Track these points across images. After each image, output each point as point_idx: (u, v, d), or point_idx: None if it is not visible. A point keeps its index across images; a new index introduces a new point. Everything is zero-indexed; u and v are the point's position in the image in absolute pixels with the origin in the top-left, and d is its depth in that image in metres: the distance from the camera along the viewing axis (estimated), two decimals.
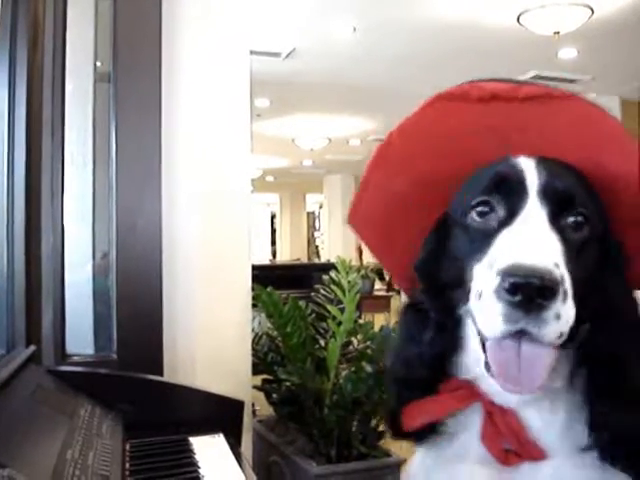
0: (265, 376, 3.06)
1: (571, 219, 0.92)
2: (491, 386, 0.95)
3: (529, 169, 0.95)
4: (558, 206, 0.92)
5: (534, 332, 0.83)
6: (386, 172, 1.09)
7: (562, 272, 0.84)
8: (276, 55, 7.23)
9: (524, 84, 0.99)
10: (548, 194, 0.92)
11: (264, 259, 19.78)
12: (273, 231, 24.98)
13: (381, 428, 2.89)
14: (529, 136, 0.98)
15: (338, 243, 17.46)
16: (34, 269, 1.83)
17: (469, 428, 1.00)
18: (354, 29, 6.49)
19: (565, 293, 0.83)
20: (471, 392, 1.00)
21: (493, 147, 0.98)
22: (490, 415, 0.98)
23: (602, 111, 0.96)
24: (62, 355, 2.02)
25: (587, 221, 0.92)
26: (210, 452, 1.51)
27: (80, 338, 2.12)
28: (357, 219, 1.16)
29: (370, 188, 1.14)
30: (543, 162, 0.96)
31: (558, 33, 6.05)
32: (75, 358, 2.06)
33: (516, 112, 0.98)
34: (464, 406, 1.01)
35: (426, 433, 1.05)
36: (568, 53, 7.16)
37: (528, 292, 0.80)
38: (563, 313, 0.83)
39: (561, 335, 0.84)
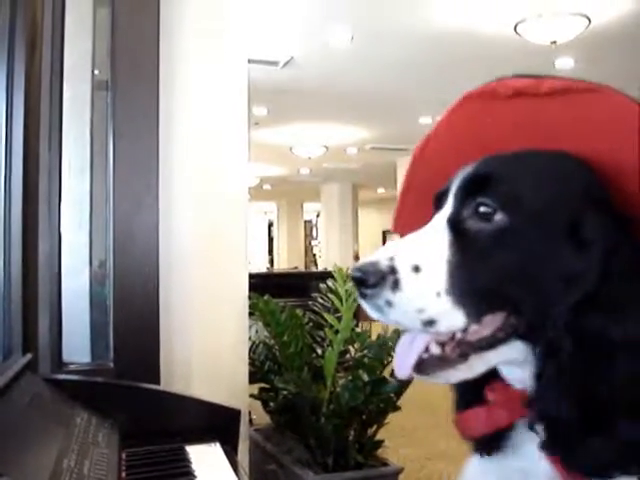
0: (262, 385, 3.06)
1: (468, 212, 0.93)
2: None
3: (462, 173, 0.98)
4: (461, 202, 0.95)
5: (381, 319, 0.91)
6: (426, 173, 1.08)
7: (397, 264, 0.89)
8: (274, 64, 7.25)
9: (546, 78, 0.98)
10: (457, 193, 0.96)
11: (261, 267, 19.80)
12: (270, 239, 25.00)
13: (378, 437, 2.89)
14: (554, 131, 0.98)
15: (335, 251, 17.47)
16: (31, 276, 1.82)
17: (534, 439, 0.94)
18: (352, 38, 6.52)
19: (396, 282, 0.88)
20: (524, 402, 0.96)
21: (520, 144, 0.98)
22: None
23: (630, 103, 0.93)
24: (59, 363, 2.01)
25: (499, 211, 0.91)
26: (206, 461, 1.51)
27: (77, 346, 2.12)
28: (401, 225, 1.15)
29: (412, 191, 1.13)
30: (489, 161, 0.97)
31: (555, 43, 6.08)
32: (72, 366, 2.05)
33: (541, 107, 0.98)
34: (518, 417, 0.97)
35: (487, 443, 1.03)
36: (565, 63, 7.19)
37: (356, 283, 0.91)
38: (396, 301, 0.88)
39: (424, 322, 0.89)
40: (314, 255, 23.93)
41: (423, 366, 0.94)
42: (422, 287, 0.89)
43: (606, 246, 0.88)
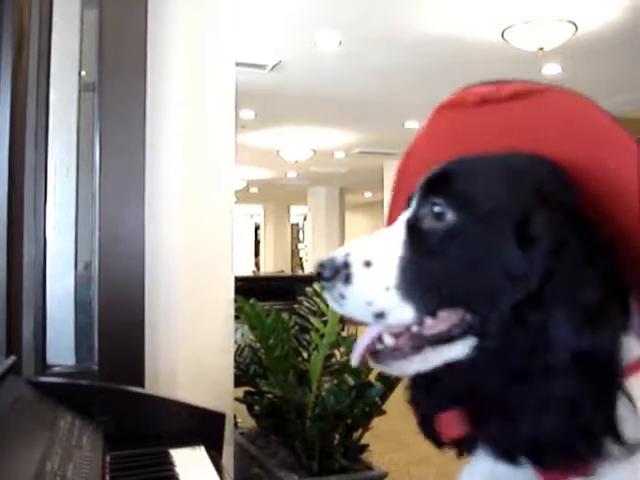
0: (247, 388, 3.05)
1: (424, 211, 0.96)
2: None
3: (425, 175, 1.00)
4: (419, 202, 0.98)
5: (339, 310, 0.97)
6: (412, 181, 1.10)
7: (350, 259, 0.94)
8: (262, 67, 7.25)
9: (507, 83, 1.01)
10: (417, 194, 1.00)
11: (247, 270, 19.76)
12: (257, 242, 24.97)
13: (363, 441, 2.89)
14: (520, 136, 0.99)
15: (322, 255, 17.40)
16: (15, 279, 1.81)
17: None
18: (340, 42, 6.53)
19: (348, 277, 0.94)
20: None
21: (495, 150, 0.99)
22: None
23: (584, 102, 0.96)
24: (43, 366, 2.00)
25: (450, 210, 0.93)
26: (191, 464, 1.50)
27: (61, 349, 2.11)
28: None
29: (401, 196, 1.14)
30: (449, 163, 0.99)
31: (542, 49, 6.10)
32: (56, 369, 2.05)
33: (506, 112, 1.00)
34: None
35: (471, 441, 1.01)
36: (552, 69, 7.23)
37: (317, 276, 0.97)
38: (347, 294, 0.94)
39: (375, 315, 0.93)
40: (300, 259, 23.93)
41: (378, 356, 0.98)
42: (372, 281, 0.94)
43: (551, 244, 0.88)
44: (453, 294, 0.93)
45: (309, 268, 18.77)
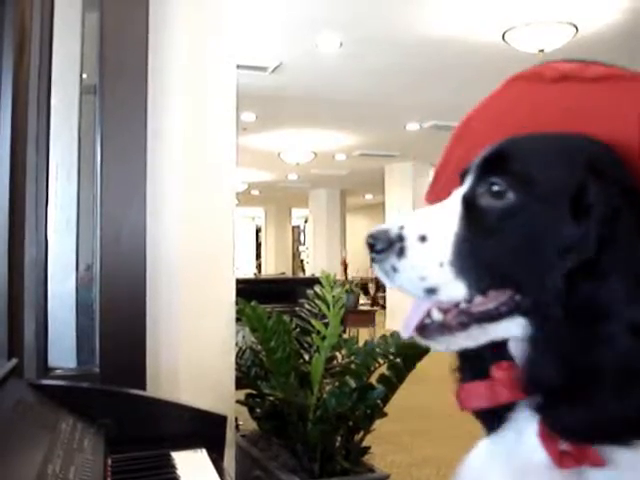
0: (249, 390, 3.05)
1: (482, 189, 0.96)
2: None
3: (483, 152, 1.00)
4: (477, 180, 0.98)
5: (388, 284, 0.96)
6: (463, 151, 1.10)
7: (405, 232, 0.94)
8: (263, 69, 7.26)
9: (592, 64, 1.01)
10: (474, 171, 1.00)
11: (249, 273, 19.77)
12: (258, 245, 24.98)
13: (364, 443, 2.89)
14: (595, 116, 0.99)
15: (323, 257, 17.49)
16: (17, 280, 1.81)
17: (535, 425, 0.96)
18: (340, 44, 6.53)
19: (402, 249, 0.93)
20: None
21: (560, 128, 0.99)
22: None
23: None
24: (44, 368, 2.00)
25: (509, 190, 0.93)
26: (192, 467, 1.50)
27: (63, 351, 2.11)
28: (433, 198, 1.17)
29: (449, 166, 1.15)
30: (507, 141, 0.99)
31: (543, 51, 6.10)
32: (57, 371, 2.04)
33: (585, 92, 1.00)
34: (520, 397, 0.98)
35: (488, 418, 1.05)
36: None
37: (368, 248, 0.96)
38: (400, 267, 0.94)
39: (426, 290, 0.93)
40: (302, 261, 23.92)
41: (425, 330, 0.98)
42: (426, 256, 0.94)
43: (605, 211, 0.89)
44: (506, 272, 0.93)
45: (310, 270, 18.78)
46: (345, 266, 18.57)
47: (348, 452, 2.81)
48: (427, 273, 0.93)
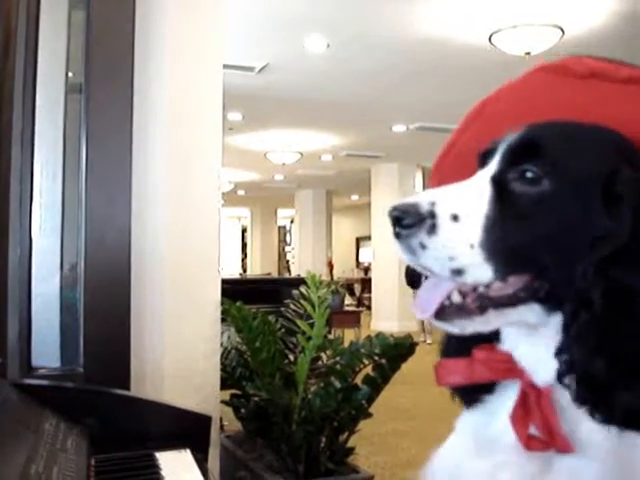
0: (233, 391, 3.05)
1: (514, 175, 0.96)
2: (530, 363, 0.98)
3: (510, 136, 1.00)
4: (507, 164, 0.97)
5: (411, 262, 0.93)
6: (474, 134, 1.10)
7: (437, 210, 0.91)
8: (249, 69, 7.25)
9: (623, 65, 1.02)
10: (504, 155, 0.99)
11: (234, 273, 19.74)
12: (244, 245, 24.94)
13: (349, 444, 2.89)
14: (620, 118, 1.00)
15: (309, 258, 17.48)
16: (0, 280, 1.80)
17: (508, 408, 0.98)
18: (328, 45, 6.54)
19: (433, 227, 0.91)
20: (508, 367, 1.00)
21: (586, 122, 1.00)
22: (525, 395, 0.97)
23: None
24: (27, 368, 1.99)
25: (544, 178, 0.94)
26: (176, 468, 1.50)
27: (46, 351, 2.10)
28: (437, 180, 1.16)
29: (455, 148, 1.14)
30: (538, 128, 0.99)
31: (529, 53, 6.13)
32: (41, 371, 2.03)
33: (614, 92, 1.01)
34: (497, 378, 1.01)
35: (465, 395, 1.06)
36: None
37: (393, 222, 0.92)
38: (430, 245, 0.91)
39: (453, 271, 0.92)
40: (287, 261, 23.92)
41: (443, 312, 0.96)
42: (457, 236, 0.92)
43: (637, 200, 0.90)
44: (534, 259, 0.93)
45: (296, 271, 18.77)
46: (331, 267, 18.60)
47: (333, 453, 2.81)
48: (457, 253, 0.92)
